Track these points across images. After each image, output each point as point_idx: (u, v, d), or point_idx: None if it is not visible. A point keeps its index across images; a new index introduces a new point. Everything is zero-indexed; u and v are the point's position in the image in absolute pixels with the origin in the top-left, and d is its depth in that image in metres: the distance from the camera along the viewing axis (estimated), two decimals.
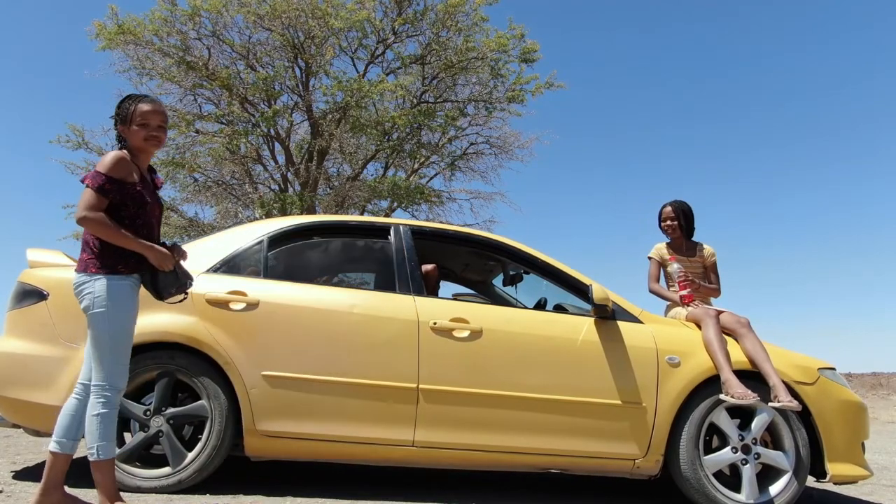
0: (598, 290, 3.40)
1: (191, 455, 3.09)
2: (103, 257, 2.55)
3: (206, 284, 3.28)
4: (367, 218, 3.86)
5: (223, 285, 3.29)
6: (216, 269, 3.40)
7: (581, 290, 3.61)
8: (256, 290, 3.28)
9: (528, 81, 11.52)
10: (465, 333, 3.32)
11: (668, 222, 4.25)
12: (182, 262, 2.74)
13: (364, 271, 3.93)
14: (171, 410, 3.14)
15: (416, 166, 14.10)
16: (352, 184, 11.80)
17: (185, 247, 3.67)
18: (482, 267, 4.63)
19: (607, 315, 3.47)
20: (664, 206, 4.28)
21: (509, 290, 4.51)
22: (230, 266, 3.41)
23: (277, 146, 12.48)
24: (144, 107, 2.64)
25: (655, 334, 3.51)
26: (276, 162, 12.57)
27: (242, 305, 3.23)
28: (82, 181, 2.56)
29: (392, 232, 3.64)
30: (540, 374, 3.34)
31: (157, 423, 3.10)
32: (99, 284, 2.52)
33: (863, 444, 3.67)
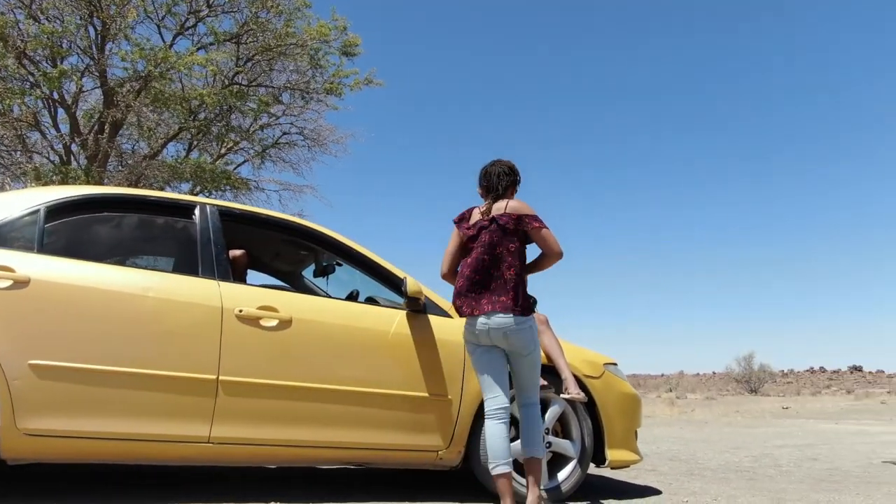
0: (411, 283, 3.40)
1: None
2: (527, 300, 3.13)
3: None
4: (169, 194, 3.50)
5: None
6: None
7: (394, 283, 3.60)
8: (28, 266, 2.82)
9: (348, 75, 11.39)
10: (274, 322, 3.14)
11: None
12: None
13: (163, 253, 3.55)
14: None
15: (223, 151, 13.29)
16: (149, 162, 10.76)
17: None
18: (294, 256, 4.45)
19: (419, 308, 3.50)
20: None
21: (320, 281, 4.39)
22: None
23: (61, 112, 11.02)
24: None
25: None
26: (59, 130, 11.09)
27: (8, 283, 2.76)
28: (534, 227, 3.09)
29: (197, 211, 3.34)
30: (350, 366, 3.26)
31: None
32: (533, 327, 3.11)
33: (636, 432, 4.08)
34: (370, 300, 3.79)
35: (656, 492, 4.29)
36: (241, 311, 3.08)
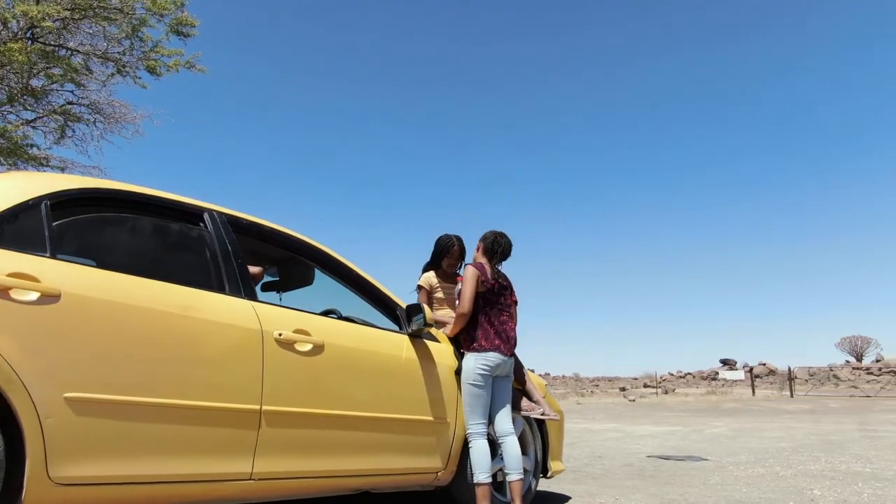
0: (428, 312, 3.45)
1: None
2: None
3: None
4: (178, 196, 3.03)
5: None
6: None
7: (384, 303, 3.58)
8: (52, 274, 2.30)
9: (171, 54, 10.25)
10: (308, 347, 2.96)
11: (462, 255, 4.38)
12: None
13: (175, 265, 3.02)
14: None
15: None
16: None
17: None
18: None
19: (420, 333, 3.54)
20: (460, 240, 4.39)
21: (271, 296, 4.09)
22: None
23: None
24: None
25: (455, 352, 3.72)
26: None
27: (34, 296, 2.22)
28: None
29: (207, 218, 2.99)
30: (374, 391, 3.21)
31: None
32: None
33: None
34: (346, 320, 3.69)
35: (566, 497, 4.80)
36: (280, 334, 2.85)
